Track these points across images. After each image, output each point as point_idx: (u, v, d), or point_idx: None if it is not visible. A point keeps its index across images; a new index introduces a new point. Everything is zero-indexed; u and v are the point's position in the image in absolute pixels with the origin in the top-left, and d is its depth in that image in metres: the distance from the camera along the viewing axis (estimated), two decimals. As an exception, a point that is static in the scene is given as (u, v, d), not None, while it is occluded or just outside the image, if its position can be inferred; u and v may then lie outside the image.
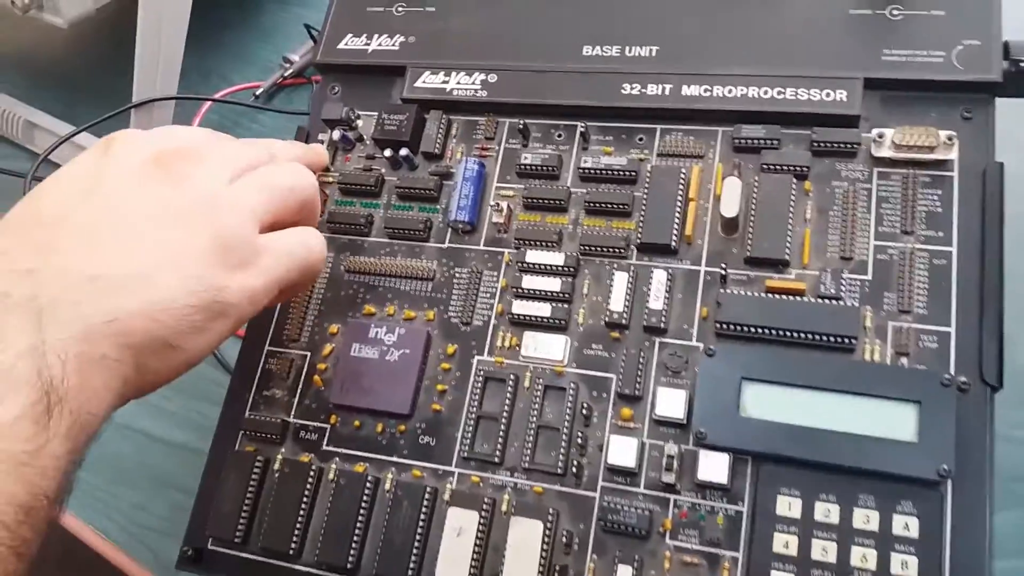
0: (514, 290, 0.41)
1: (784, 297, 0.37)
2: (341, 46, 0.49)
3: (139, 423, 0.54)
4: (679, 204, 0.40)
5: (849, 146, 0.40)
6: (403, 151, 0.45)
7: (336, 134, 0.46)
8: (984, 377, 0.35)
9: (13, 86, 0.73)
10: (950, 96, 0.40)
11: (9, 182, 0.65)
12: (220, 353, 0.55)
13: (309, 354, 0.43)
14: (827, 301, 0.37)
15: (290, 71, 0.66)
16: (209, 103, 0.61)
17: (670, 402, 0.37)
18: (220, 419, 0.43)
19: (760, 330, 0.37)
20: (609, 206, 0.41)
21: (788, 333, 0.37)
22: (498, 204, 0.43)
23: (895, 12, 0.41)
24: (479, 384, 0.40)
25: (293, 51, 0.67)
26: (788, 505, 0.34)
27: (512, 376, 0.39)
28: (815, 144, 0.40)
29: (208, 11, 0.67)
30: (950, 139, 0.38)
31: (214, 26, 0.72)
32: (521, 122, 0.44)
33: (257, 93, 0.65)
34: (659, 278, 0.39)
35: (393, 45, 0.48)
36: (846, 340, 0.36)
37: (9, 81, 0.74)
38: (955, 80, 0.39)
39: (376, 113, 0.47)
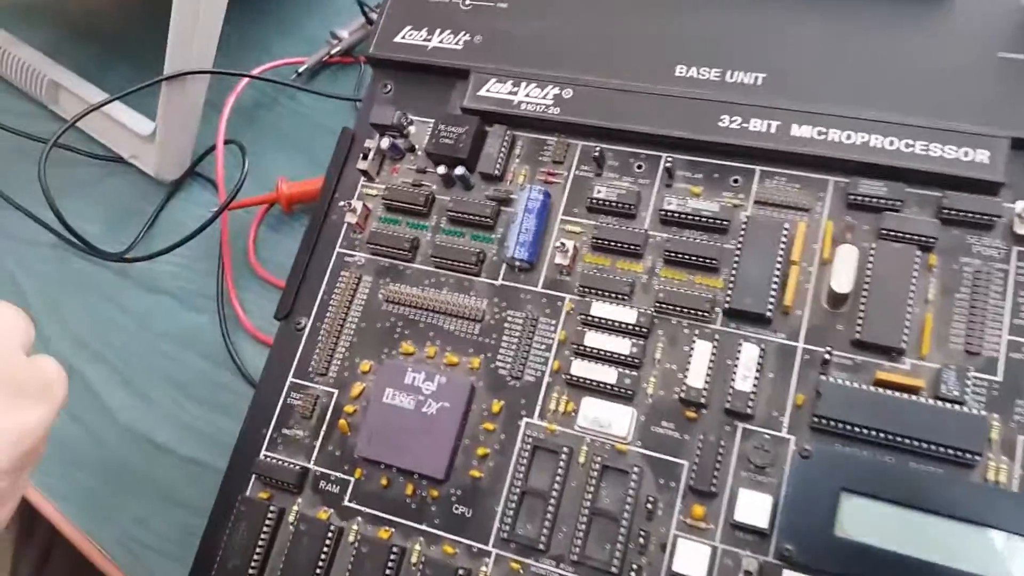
0: (574, 346, 0.36)
1: (896, 394, 0.32)
2: (398, 39, 0.43)
3: (150, 431, 0.50)
4: (779, 265, 0.35)
5: (986, 217, 0.33)
6: (459, 169, 0.39)
7: (385, 142, 0.41)
8: None
9: (44, 40, 0.69)
10: (1116, 167, 0.33)
11: (33, 145, 0.61)
12: (241, 361, 0.50)
13: (336, 392, 0.38)
14: (947, 404, 0.31)
15: (337, 48, 0.61)
16: (246, 79, 0.56)
17: (752, 506, 0.31)
18: (233, 454, 0.39)
19: (866, 431, 0.31)
20: (694, 258, 0.36)
21: (899, 439, 0.31)
22: (563, 244, 0.37)
23: (1053, 59, 0.35)
24: (526, 452, 0.35)
25: (342, 26, 0.61)
26: (885, 650, 0.29)
27: (565, 448, 0.34)
28: (944, 211, 0.34)
29: None
30: (1115, 223, 0.32)
31: None
32: (597, 148, 0.38)
33: (300, 70, 0.59)
34: (749, 353, 0.34)
35: (456, 44, 0.42)
36: (968, 455, 0.30)
37: (40, 34, 0.70)
38: (1125, 149, 0.33)
39: (432, 121, 0.41)
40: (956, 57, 0.36)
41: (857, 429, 0.31)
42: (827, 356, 0.33)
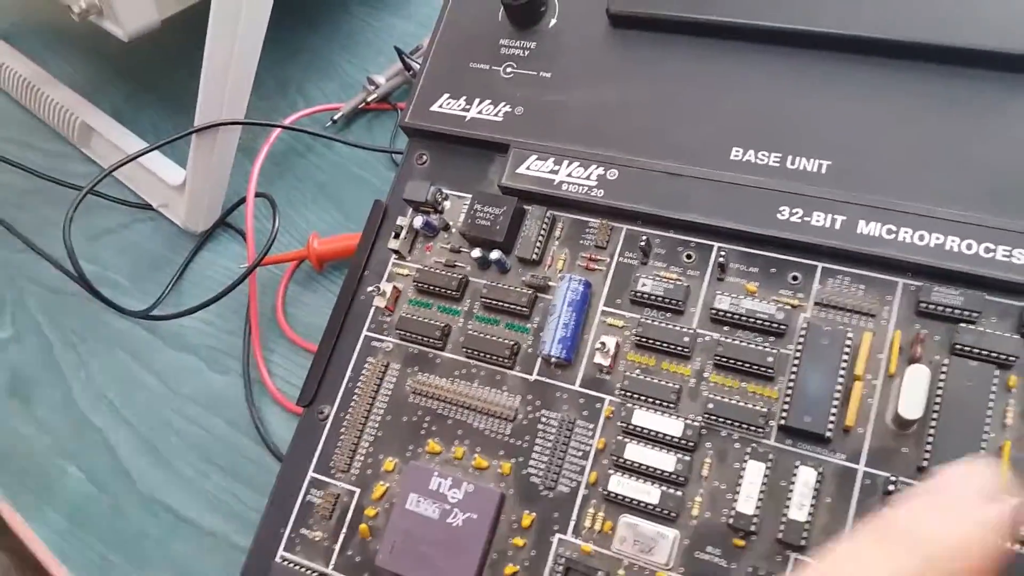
0: (614, 458, 0.33)
1: (972, 535, 0.28)
2: (435, 108, 0.41)
3: (170, 498, 0.48)
4: (841, 379, 0.32)
5: (1077, 335, 0.30)
6: (494, 254, 0.37)
7: (418, 221, 0.39)
8: None
9: (79, 77, 0.68)
10: None
11: (63, 189, 0.60)
12: (265, 430, 0.48)
13: (358, 492, 0.36)
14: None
15: (374, 96, 0.59)
16: (279, 130, 0.54)
17: (807, 657, 0.28)
18: (250, 552, 0.37)
19: None
20: (747, 365, 0.33)
21: (975, 588, 0.28)
22: (603, 344, 0.34)
23: None
24: (559, 574, 0.32)
25: (380, 71, 0.59)
26: None
27: (601, 573, 0.32)
28: (1029, 326, 0.31)
29: (289, 13, 0.60)
30: None
31: (295, 30, 0.65)
32: (644, 236, 0.36)
33: (335, 117, 0.58)
34: (806, 478, 0.31)
35: (497, 115, 0.40)
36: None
37: (75, 71, 0.69)
38: None
39: (468, 197, 0.39)
40: (1043, 150, 0.33)
41: (927, 575, 0.28)
42: (889, 488, 0.30)
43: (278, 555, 0.36)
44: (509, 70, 0.41)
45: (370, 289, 0.38)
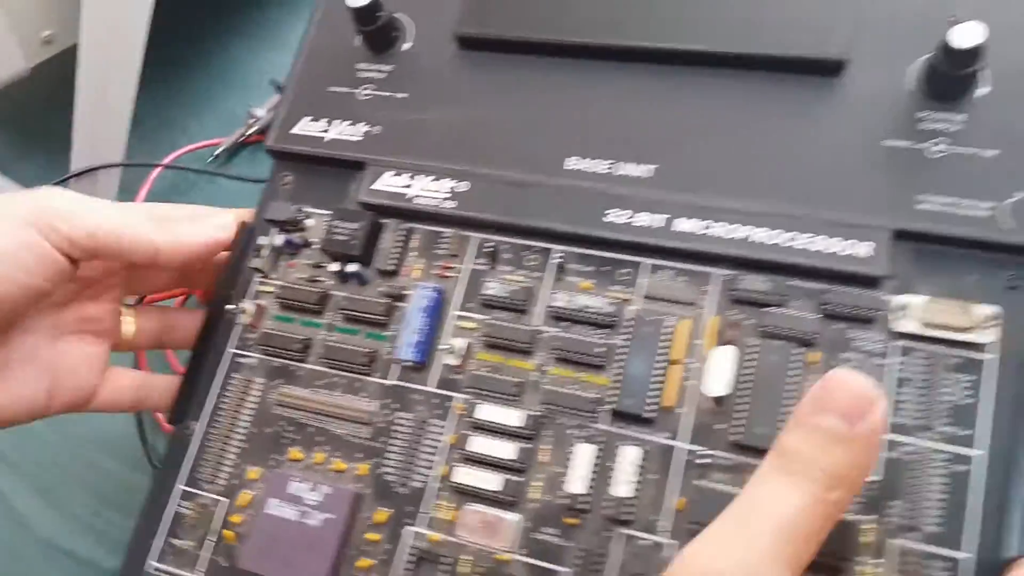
0: (461, 452, 0.35)
1: (776, 499, 0.31)
2: (296, 130, 0.43)
3: (67, 542, 0.49)
4: (660, 364, 0.34)
5: (867, 311, 0.33)
6: (352, 266, 0.39)
7: (279, 239, 0.41)
8: (1008, 627, 0.28)
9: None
10: (996, 257, 0.33)
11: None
12: (159, 465, 0.49)
13: (226, 501, 0.38)
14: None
15: (255, 127, 0.61)
16: (159, 168, 0.56)
17: (628, 622, 0.31)
18: (123, 564, 0.38)
19: (743, 539, 0.31)
20: (581, 355, 0.35)
21: (777, 547, 0.30)
22: (450, 345, 0.37)
23: (937, 147, 0.35)
24: (410, 564, 0.34)
25: (259, 104, 0.61)
26: None
27: (449, 559, 0.34)
28: (826, 306, 0.34)
29: (167, 51, 0.61)
30: (989, 319, 0.32)
31: (174, 68, 0.65)
32: (491, 242, 0.38)
33: (217, 152, 0.59)
34: (629, 456, 0.33)
35: (355, 135, 0.42)
36: (837, 560, 0.30)
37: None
38: (1003, 242, 0.33)
39: (327, 214, 0.41)
40: (841, 146, 0.36)
41: (735, 538, 0.31)
42: (704, 461, 0.32)
43: (149, 565, 0.37)
44: (366, 92, 0.43)
45: (229, 307, 0.40)
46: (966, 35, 0.33)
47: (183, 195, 0.60)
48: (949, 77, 0.34)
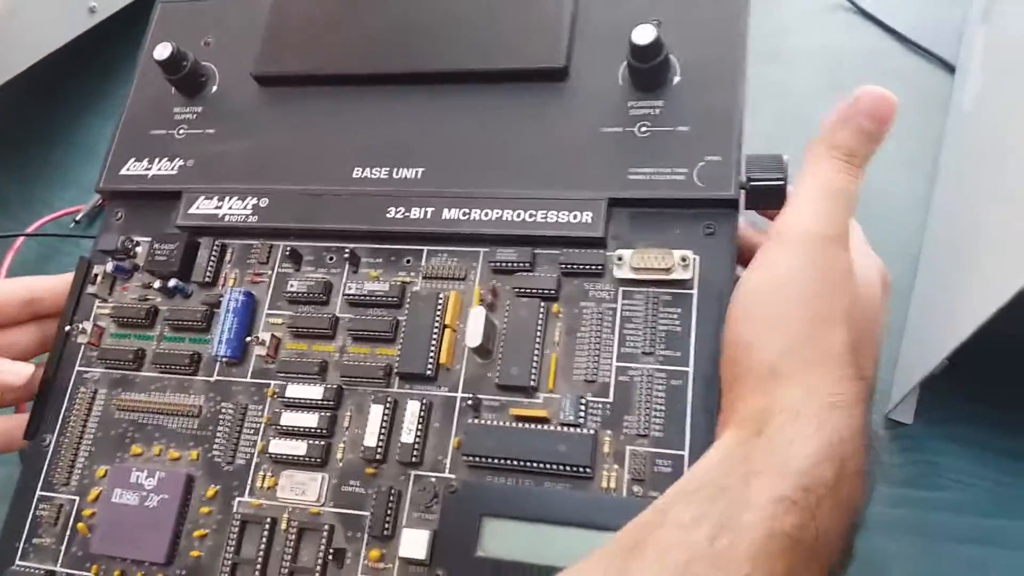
0: (275, 427, 0.41)
1: (528, 425, 0.38)
2: (123, 171, 0.49)
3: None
4: (436, 329, 0.41)
5: (595, 267, 0.40)
6: (172, 281, 0.45)
7: (109, 266, 0.46)
8: (711, 502, 0.35)
9: None
10: (693, 213, 0.41)
11: None
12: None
13: (78, 499, 0.42)
14: (567, 428, 0.37)
15: (111, 191, 0.65)
16: (21, 238, 0.60)
17: (413, 542, 0.37)
18: (-10, 570, 0.42)
19: (503, 461, 0.37)
20: (373, 332, 0.42)
21: (529, 463, 0.37)
22: (258, 337, 0.42)
23: (643, 129, 0.42)
24: (236, 528, 0.39)
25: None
26: (521, 647, 0.34)
27: (269, 519, 0.39)
28: (563, 266, 0.41)
29: (33, 131, 0.65)
30: (684, 260, 0.39)
31: (37, 143, 0.70)
32: (288, 247, 0.44)
33: (78, 218, 0.64)
34: (412, 409, 0.39)
35: (172, 169, 0.48)
36: (582, 469, 0.36)
37: None
38: (695, 198, 0.40)
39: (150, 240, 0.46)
40: (569, 137, 0.43)
41: (497, 460, 0.37)
42: (471, 402, 0.39)
43: (15, 563, 0.42)
44: (182, 132, 0.49)
45: (68, 328, 0.45)
46: (643, 34, 0.41)
47: (50, 260, 0.64)
48: (642, 70, 0.42)
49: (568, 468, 0.37)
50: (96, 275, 0.46)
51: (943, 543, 0.46)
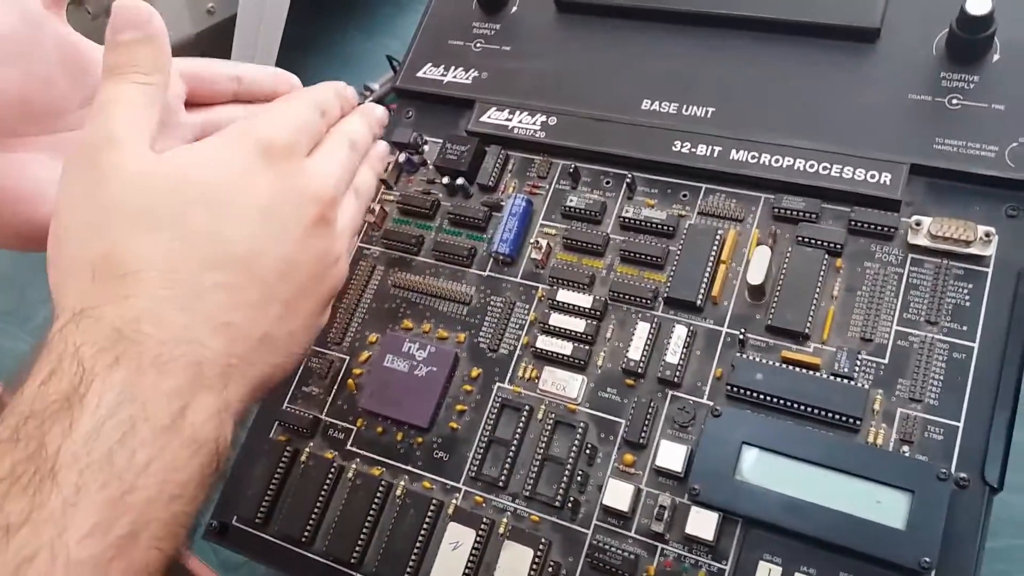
0: (541, 325, 0.43)
1: (798, 369, 0.38)
2: (420, 74, 0.52)
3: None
4: (710, 263, 0.42)
5: (886, 229, 0.40)
6: (460, 180, 0.48)
7: (402, 157, 0.50)
8: (985, 476, 0.35)
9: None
10: (998, 192, 0.40)
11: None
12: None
13: (348, 358, 0.46)
14: (839, 379, 0.38)
15: (370, 99, 0.70)
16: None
17: (670, 455, 0.38)
18: (260, 406, 0.47)
19: (768, 398, 0.38)
20: (643, 257, 0.43)
21: (796, 405, 0.38)
22: (538, 241, 0.45)
23: (954, 101, 0.42)
24: (496, 409, 0.42)
25: (374, 79, 0.70)
26: (768, 571, 0.35)
27: (527, 407, 0.42)
28: (852, 223, 0.41)
29: (297, 38, 0.70)
30: (987, 235, 0.38)
31: (302, 53, 0.76)
32: (572, 165, 0.46)
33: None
34: (679, 333, 0.41)
35: (467, 79, 0.51)
36: (851, 420, 0.37)
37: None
38: (1004, 177, 0.39)
39: (441, 141, 0.50)
40: (874, 96, 0.43)
41: (762, 396, 0.38)
42: (743, 338, 0.40)
43: (284, 405, 0.46)
44: (479, 45, 0.52)
45: (361, 206, 0.49)
46: (979, 5, 0.40)
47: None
48: (966, 42, 0.41)
49: (837, 417, 0.37)
50: (388, 163, 0.50)
51: None
